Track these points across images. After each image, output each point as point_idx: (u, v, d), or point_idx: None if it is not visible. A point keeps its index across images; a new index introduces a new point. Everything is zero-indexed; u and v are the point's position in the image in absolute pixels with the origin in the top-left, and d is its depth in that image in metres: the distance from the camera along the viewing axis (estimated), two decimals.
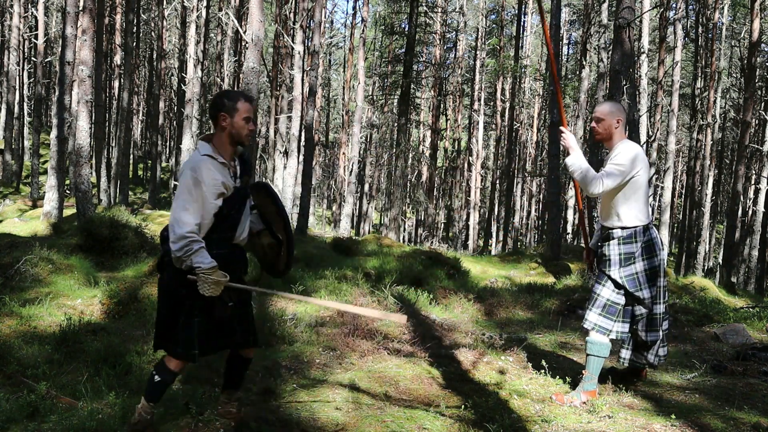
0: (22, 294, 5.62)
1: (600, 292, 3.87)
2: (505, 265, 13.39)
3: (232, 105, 2.96)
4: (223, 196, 2.93)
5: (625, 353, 4.06)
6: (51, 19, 36.96)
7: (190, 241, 2.82)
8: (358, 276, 7.32)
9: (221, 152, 2.99)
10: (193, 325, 2.91)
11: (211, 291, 2.85)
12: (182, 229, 2.81)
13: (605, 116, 3.86)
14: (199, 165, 2.89)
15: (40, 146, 25.79)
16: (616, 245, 3.84)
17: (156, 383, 2.98)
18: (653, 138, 22.69)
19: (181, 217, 2.83)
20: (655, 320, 3.92)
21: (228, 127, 2.96)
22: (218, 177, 2.91)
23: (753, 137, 24.47)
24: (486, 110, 37.19)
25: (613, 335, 3.85)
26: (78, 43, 12.69)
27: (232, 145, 3.02)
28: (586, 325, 3.89)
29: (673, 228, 35.59)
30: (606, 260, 3.87)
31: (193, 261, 2.82)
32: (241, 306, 3.09)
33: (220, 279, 2.85)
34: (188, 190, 2.85)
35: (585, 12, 22.78)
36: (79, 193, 11.54)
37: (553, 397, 3.88)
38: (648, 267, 3.82)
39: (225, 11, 24.50)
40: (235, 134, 2.98)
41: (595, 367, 3.85)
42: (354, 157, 23.04)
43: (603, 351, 3.84)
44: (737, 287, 16.81)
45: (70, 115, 19.48)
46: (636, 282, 3.80)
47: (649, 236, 3.83)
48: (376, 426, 3.35)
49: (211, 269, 2.84)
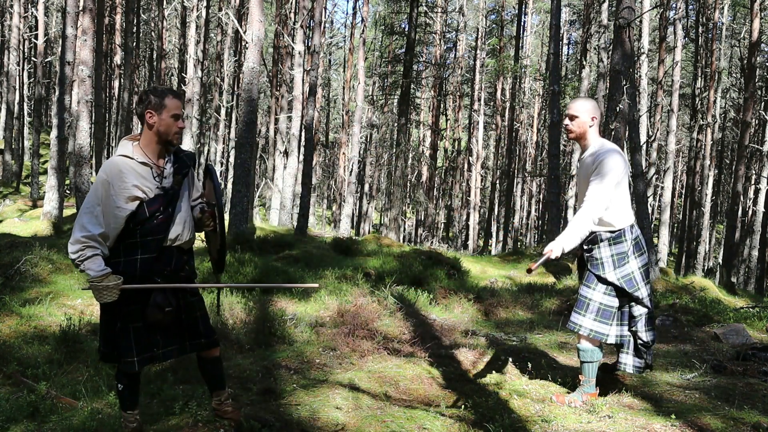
0: (22, 294, 5.63)
1: (591, 296, 3.74)
2: (505, 265, 13.38)
3: (158, 102, 2.83)
4: (138, 199, 2.80)
5: (626, 358, 3.85)
6: (51, 19, 36.96)
7: (85, 246, 2.73)
8: (358, 276, 7.32)
9: (147, 152, 2.87)
10: (129, 331, 2.84)
11: (105, 297, 2.74)
12: (79, 233, 2.74)
13: (579, 113, 3.68)
14: (110, 166, 2.80)
15: (40, 146, 25.77)
16: (607, 247, 3.72)
17: (120, 392, 2.96)
18: (653, 138, 22.69)
19: (83, 220, 2.76)
20: (652, 318, 3.86)
21: (155, 125, 2.84)
22: (130, 180, 2.79)
23: (753, 137, 24.47)
24: (486, 110, 37.19)
25: (611, 339, 3.74)
26: (78, 43, 12.69)
27: (160, 144, 2.89)
28: (579, 330, 3.73)
29: (673, 228, 35.59)
30: (598, 263, 3.73)
31: (84, 266, 2.74)
32: (185, 309, 2.99)
33: (110, 284, 2.74)
34: (95, 192, 2.78)
35: (585, 12, 22.79)
36: (79, 193, 11.55)
37: (553, 398, 3.87)
38: (641, 265, 3.74)
39: (225, 11, 24.50)
40: (163, 132, 2.85)
41: (591, 371, 3.80)
42: (354, 157, 23.04)
43: (596, 356, 3.77)
44: (737, 287, 16.80)
45: (70, 115, 19.48)
46: (633, 281, 3.71)
47: (636, 234, 3.76)
48: (376, 426, 3.35)
49: (100, 277, 2.73)
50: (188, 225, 3.01)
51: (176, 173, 2.96)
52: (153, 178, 2.86)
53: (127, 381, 2.93)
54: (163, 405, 3.49)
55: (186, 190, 3.03)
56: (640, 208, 10.50)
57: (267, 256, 9.02)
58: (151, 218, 2.84)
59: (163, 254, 2.91)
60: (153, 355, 2.91)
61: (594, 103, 3.77)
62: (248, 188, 10.37)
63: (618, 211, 3.70)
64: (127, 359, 2.84)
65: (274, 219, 21.12)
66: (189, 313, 3.00)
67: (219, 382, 3.17)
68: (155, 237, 2.86)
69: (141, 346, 2.86)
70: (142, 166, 2.84)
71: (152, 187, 2.85)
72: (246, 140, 9.82)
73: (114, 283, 2.74)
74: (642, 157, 12.45)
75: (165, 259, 2.91)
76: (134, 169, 2.82)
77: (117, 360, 2.90)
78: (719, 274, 19.33)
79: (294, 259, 9.13)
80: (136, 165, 2.83)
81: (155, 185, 2.86)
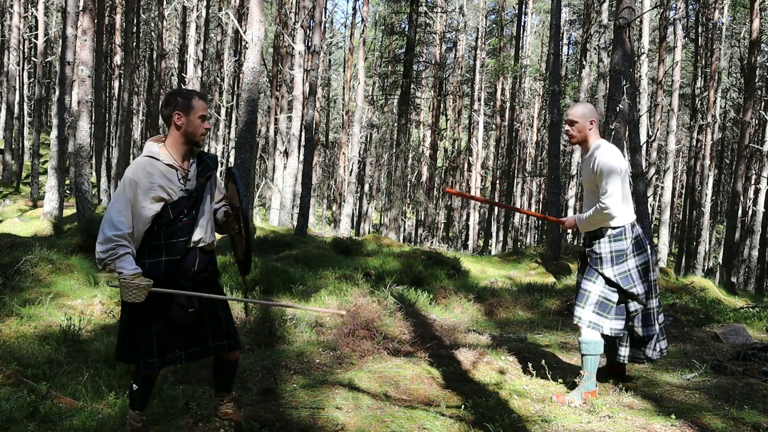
0: (22, 294, 5.63)
1: (591, 289, 3.87)
2: (505, 265, 13.39)
3: (186, 103, 2.87)
4: (162, 201, 2.82)
5: (623, 350, 4.06)
6: (51, 19, 36.95)
7: (116, 245, 2.73)
8: (358, 276, 7.31)
9: (172, 153, 2.89)
10: (152, 332, 2.85)
11: (134, 297, 2.74)
12: (110, 231, 2.73)
13: (578, 118, 3.85)
14: (137, 167, 2.81)
15: (40, 146, 25.78)
16: (607, 243, 3.85)
17: (134, 391, 2.96)
18: (653, 138, 22.69)
19: (113, 218, 2.75)
20: (650, 315, 3.96)
21: (184, 126, 2.87)
22: (156, 180, 2.80)
23: (753, 137, 24.46)
24: (486, 110, 37.19)
25: (606, 331, 3.85)
26: (78, 43, 12.69)
27: (186, 145, 2.92)
28: (579, 322, 3.87)
29: (673, 228, 35.58)
30: (597, 258, 3.87)
31: (116, 265, 2.73)
32: (209, 311, 3.00)
33: (141, 284, 2.73)
34: (123, 192, 2.78)
35: (585, 12, 22.78)
36: (79, 193, 11.55)
37: (553, 398, 3.88)
38: (640, 263, 3.87)
39: (225, 11, 24.51)
40: (191, 133, 2.89)
41: (592, 365, 3.86)
42: (354, 157, 23.03)
43: (597, 348, 3.85)
44: (737, 287, 16.80)
45: (70, 115, 19.48)
46: (630, 279, 3.83)
47: (636, 233, 3.87)
48: (376, 426, 3.35)
49: (133, 275, 2.72)
50: (210, 227, 3.04)
51: (200, 176, 2.98)
52: (177, 180, 2.88)
53: (143, 382, 2.94)
54: (163, 405, 3.49)
55: (208, 192, 3.05)
56: (640, 208, 10.50)
57: (267, 256, 9.02)
58: (176, 221, 2.86)
59: (187, 255, 2.93)
60: (174, 356, 2.92)
61: (591, 106, 3.94)
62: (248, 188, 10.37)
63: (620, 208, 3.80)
64: (149, 360, 2.84)
65: (274, 219, 21.12)
66: (212, 313, 3.03)
67: (228, 385, 3.21)
68: (179, 239, 2.88)
69: (162, 348, 2.87)
70: (167, 167, 2.86)
71: (176, 190, 2.87)
72: (246, 140, 9.81)
73: (145, 284, 2.75)
74: (642, 157, 12.45)
75: (189, 261, 2.93)
76: (160, 170, 2.84)
77: (134, 360, 2.90)
78: (719, 274, 19.32)
79: (294, 259, 9.12)
80: (161, 166, 2.85)
81: (179, 187, 2.88)
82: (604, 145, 3.82)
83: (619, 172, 3.72)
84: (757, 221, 20.50)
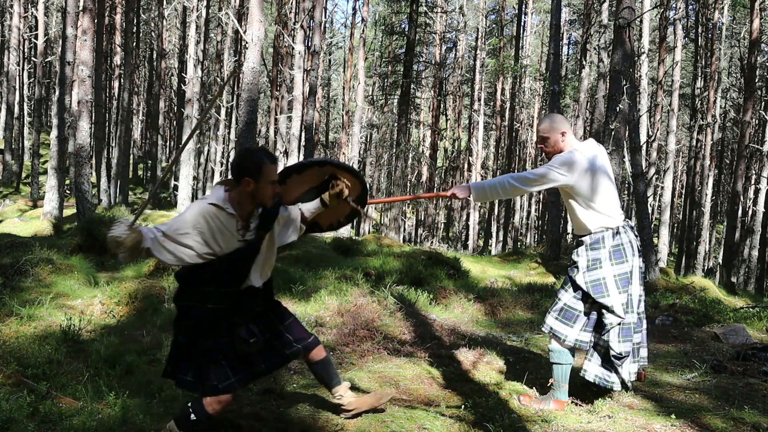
0: (22, 294, 5.62)
1: (560, 296, 3.76)
2: (505, 265, 13.40)
3: (257, 169, 2.78)
4: (212, 255, 2.79)
5: (587, 365, 3.74)
6: (51, 19, 36.96)
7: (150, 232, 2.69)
8: (359, 276, 7.31)
9: (236, 206, 2.83)
10: (219, 361, 2.84)
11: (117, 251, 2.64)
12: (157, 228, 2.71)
13: (548, 133, 3.69)
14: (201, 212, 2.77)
15: (40, 146, 25.79)
16: (584, 251, 3.68)
17: (191, 421, 2.85)
18: (653, 138, 22.70)
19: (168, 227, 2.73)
20: (630, 330, 3.61)
21: (252, 192, 2.80)
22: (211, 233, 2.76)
23: (753, 137, 24.46)
24: (486, 110, 37.18)
25: (569, 342, 3.67)
26: (78, 43, 12.69)
27: (252, 205, 2.87)
28: (543, 328, 3.82)
29: (673, 228, 35.59)
30: (574, 266, 3.73)
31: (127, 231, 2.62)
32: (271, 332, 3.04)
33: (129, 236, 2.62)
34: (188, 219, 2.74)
35: (585, 12, 22.77)
36: (80, 193, 11.55)
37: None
38: (618, 272, 3.59)
39: (225, 11, 24.51)
40: (259, 197, 2.83)
41: (561, 374, 3.72)
42: (354, 157, 23.02)
43: (564, 358, 3.70)
44: (737, 287, 16.81)
45: (70, 115, 19.49)
46: (602, 287, 3.58)
47: (619, 240, 3.62)
48: (376, 426, 3.35)
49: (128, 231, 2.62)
50: (268, 267, 3.07)
51: (260, 227, 2.93)
52: (237, 231, 2.84)
53: (201, 416, 2.83)
54: (164, 405, 3.49)
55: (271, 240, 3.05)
56: (640, 208, 10.50)
57: None
58: (230, 270, 2.86)
59: (241, 299, 2.93)
60: (254, 371, 2.94)
61: (558, 116, 3.76)
62: None
63: (593, 215, 3.62)
64: (224, 383, 2.81)
65: None
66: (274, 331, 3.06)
67: (330, 381, 3.26)
68: (228, 290, 2.88)
69: (237, 368, 2.87)
70: (229, 217, 2.82)
71: (233, 241, 2.83)
72: (246, 140, 9.81)
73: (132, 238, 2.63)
74: (642, 157, 12.44)
75: (239, 306, 2.93)
76: (221, 220, 2.79)
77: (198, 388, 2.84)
78: (719, 274, 19.34)
79: (294, 258, 9.13)
80: (223, 216, 2.80)
81: (237, 238, 2.84)
82: (577, 148, 3.62)
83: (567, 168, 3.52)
84: (757, 221, 20.50)
